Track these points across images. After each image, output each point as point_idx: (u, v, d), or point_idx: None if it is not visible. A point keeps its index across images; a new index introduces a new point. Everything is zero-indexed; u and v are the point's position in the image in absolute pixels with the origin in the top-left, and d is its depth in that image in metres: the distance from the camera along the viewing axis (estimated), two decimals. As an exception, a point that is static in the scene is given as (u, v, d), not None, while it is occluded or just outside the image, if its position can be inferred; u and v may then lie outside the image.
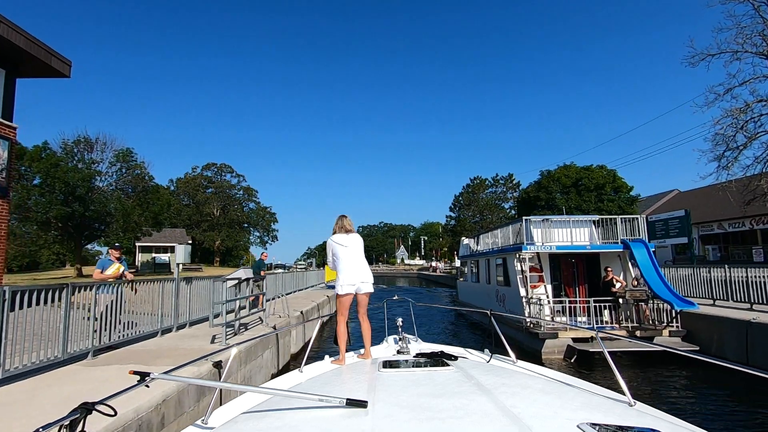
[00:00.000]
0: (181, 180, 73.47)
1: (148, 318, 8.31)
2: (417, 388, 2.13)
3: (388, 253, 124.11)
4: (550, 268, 13.79)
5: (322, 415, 1.68)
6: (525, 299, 12.85)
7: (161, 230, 34.29)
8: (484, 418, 1.59)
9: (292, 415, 1.76)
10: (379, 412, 1.68)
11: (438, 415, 1.63)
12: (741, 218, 30.04)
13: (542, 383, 2.36)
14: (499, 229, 16.12)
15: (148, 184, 34.32)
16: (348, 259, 4.10)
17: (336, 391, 2.16)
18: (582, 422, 1.53)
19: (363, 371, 2.89)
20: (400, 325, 4.52)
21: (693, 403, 8.14)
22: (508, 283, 14.33)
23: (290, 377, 3.10)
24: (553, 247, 12.88)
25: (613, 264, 13.58)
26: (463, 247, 22.62)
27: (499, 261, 15.44)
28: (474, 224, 54.37)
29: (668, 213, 18.74)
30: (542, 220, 13.78)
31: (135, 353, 6.80)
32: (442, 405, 1.76)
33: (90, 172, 28.33)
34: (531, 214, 13.68)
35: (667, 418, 1.89)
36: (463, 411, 1.68)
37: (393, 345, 4.22)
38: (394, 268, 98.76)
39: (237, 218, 73.47)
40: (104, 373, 5.59)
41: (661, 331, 11.32)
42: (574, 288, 13.97)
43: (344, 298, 4.05)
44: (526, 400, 1.86)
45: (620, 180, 29.94)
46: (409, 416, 1.63)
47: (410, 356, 3.35)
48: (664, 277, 11.91)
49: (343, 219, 4.30)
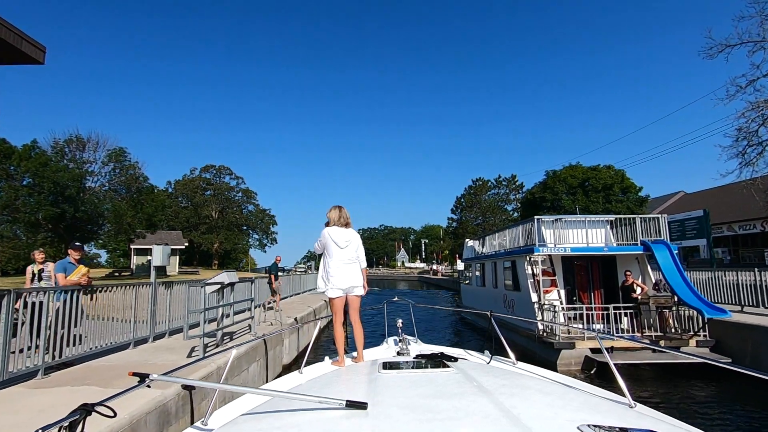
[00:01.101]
0: (179, 182, 72.61)
1: (121, 327, 7.38)
2: (417, 389, 2.11)
3: (389, 256, 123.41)
4: (562, 272, 12.85)
5: (322, 417, 1.67)
6: (537, 305, 11.90)
7: (155, 232, 33.29)
8: (484, 420, 1.59)
9: (291, 416, 1.75)
10: (379, 413, 1.68)
11: (438, 416, 1.63)
12: (751, 220, 29.20)
13: (542, 384, 2.32)
14: (507, 229, 15.16)
15: (143, 185, 33.39)
16: (341, 261, 3.91)
17: (336, 392, 2.11)
18: (582, 423, 1.53)
19: (363, 372, 2.81)
20: (400, 327, 4.47)
21: (728, 421, 7.22)
22: (518, 288, 13.38)
23: (290, 378, 3.06)
24: (568, 249, 11.92)
25: (630, 267, 12.63)
26: (467, 249, 21.66)
27: (507, 264, 14.49)
28: (476, 226, 53.32)
29: (685, 213, 17.79)
30: (554, 220, 12.83)
31: (95, 371, 5.84)
32: (442, 406, 1.76)
33: (80, 171, 27.38)
34: (536, 216, 12.70)
35: (667, 420, 1.87)
36: (463, 412, 1.68)
37: (393, 346, 4.20)
38: (394, 271, 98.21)
39: (236, 220, 72.52)
40: (52, 398, 4.64)
41: (688, 341, 10.37)
42: (589, 293, 13.02)
43: (336, 301, 3.95)
44: (526, 402, 1.85)
45: (628, 180, 28.95)
46: (409, 417, 1.63)
47: (410, 357, 3.32)
48: (690, 282, 10.95)
49: (341, 210, 4.02)
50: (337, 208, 4.04)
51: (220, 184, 74.42)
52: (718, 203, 31.34)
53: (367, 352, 4.08)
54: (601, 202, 27.23)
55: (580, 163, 30.99)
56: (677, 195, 41.66)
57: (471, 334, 17.11)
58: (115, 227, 30.38)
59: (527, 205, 33.57)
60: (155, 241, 43.29)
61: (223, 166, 76.08)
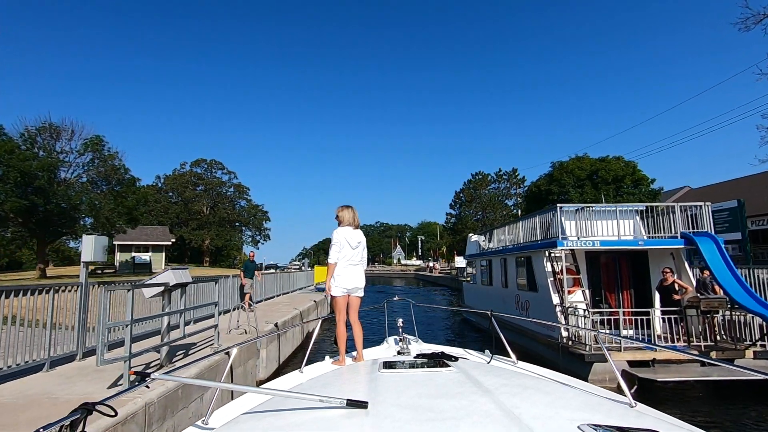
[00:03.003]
0: (168, 176, 70.47)
1: (40, 339, 5.59)
2: (417, 388, 2.10)
3: (385, 254, 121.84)
4: (586, 269, 11.12)
5: (323, 416, 1.66)
6: (560, 308, 10.16)
7: (136, 227, 31.26)
8: (484, 419, 1.57)
9: (292, 415, 1.74)
10: (380, 412, 1.67)
11: (439, 415, 1.62)
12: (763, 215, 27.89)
13: (543, 384, 2.30)
14: (521, 221, 13.37)
15: (123, 177, 31.33)
16: (350, 262, 3.97)
17: (336, 391, 2.08)
18: (583, 423, 1.51)
19: (363, 372, 2.79)
20: (400, 326, 4.46)
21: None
22: (534, 288, 11.63)
23: (290, 378, 3.04)
24: (597, 243, 10.16)
25: (665, 263, 10.95)
26: (471, 244, 19.89)
27: (520, 260, 12.75)
28: (476, 222, 51.46)
29: (716, 204, 16.12)
30: (578, 209, 11.07)
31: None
32: (443, 406, 1.75)
33: (52, 160, 25.28)
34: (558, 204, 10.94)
35: (668, 419, 1.84)
36: (463, 412, 1.66)
37: (393, 346, 4.17)
38: (390, 268, 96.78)
39: (227, 216, 70.43)
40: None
41: (743, 352, 8.67)
42: (617, 294, 11.28)
43: (340, 299, 3.98)
44: (526, 401, 1.83)
45: (640, 172, 27.16)
46: (410, 417, 1.62)
47: (410, 357, 3.28)
48: (745, 282, 9.24)
49: (353, 210, 4.06)
50: (350, 208, 4.04)
51: (211, 179, 72.33)
52: (725, 198, 29.96)
53: (368, 351, 4.08)
54: (611, 194, 25.47)
55: (587, 155, 29.24)
56: (682, 190, 40.33)
57: (476, 335, 15.55)
58: (92, 222, 28.35)
59: (531, 198, 31.72)
60: (140, 237, 41.32)
61: (215, 161, 74.07)
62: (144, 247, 40.66)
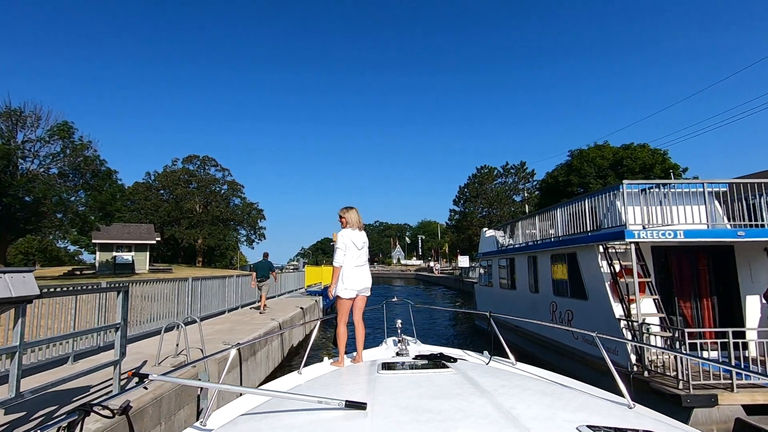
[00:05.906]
0: (159, 174, 67.72)
1: None
2: (416, 389, 2.08)
3: (384, 253, 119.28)
4: (654, 270, 8.38)
5: (322, 417, 1.65)
6: (625, 323, 7.42)
7: (111, 223, 28.46)
8: (483, 420, 1.56)
9: (291, 416, 1.73)
10: (379, 413, 1.65)
11: (437, 416, 1.60)
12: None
13: (541, 385, 2.28)
14: (558, 208, 10.55)
15: (99, 169, 28.46)
16: (357, 262, 3.99)
17: (335, 392, 2.05)
18: (581, 424, 1.51)
19: (362, 373, 2.76)
20: (399, 327, 4.41)
21: None
22: (582, 294, 8.87)
23: (289, 379, 3.02)
24: (680, 234, 7.40)
25: (756, 261, 8.25)
26: (486, 240, 17.10)
27: (559, 258, 9.99)
28: (482, 218, 48.55)
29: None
30: (644, 189, 8.30)
31: None
32: (442, 407, 1.73)
33: (10, 148, 22.44)
34: (625, 181, 8.08)
35: (666, 420, 1.84)
36: (462, 413, 1.65)
37: (392, 347, 4.17)
38: (390, 268, 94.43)
39: (221, 215, 67.58)
40: None
41: None
42: (694, 302, 8.54)
43: (345, 302, 3.99)
44: (525, 402, 1.81)
45: (670, 161, 24.30)
46: (409, 418, 1.60)
47: (409, 358, 3.27)
48: None
49: (357, 212, 4.08)
50: (354, 210, 4.08)
51: (204, 177, 69.46)
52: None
53: (367, 352, 4.04)
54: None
55: (608, 143, 26.39)
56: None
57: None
58: (61, 218, 25.55)
59: (547, 191, 28.76)
60: (122, 236, 38.45)
61: (208, 157, 71.14)
62: (126, 245, 37.81)
